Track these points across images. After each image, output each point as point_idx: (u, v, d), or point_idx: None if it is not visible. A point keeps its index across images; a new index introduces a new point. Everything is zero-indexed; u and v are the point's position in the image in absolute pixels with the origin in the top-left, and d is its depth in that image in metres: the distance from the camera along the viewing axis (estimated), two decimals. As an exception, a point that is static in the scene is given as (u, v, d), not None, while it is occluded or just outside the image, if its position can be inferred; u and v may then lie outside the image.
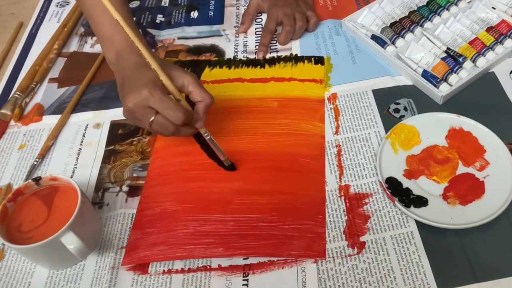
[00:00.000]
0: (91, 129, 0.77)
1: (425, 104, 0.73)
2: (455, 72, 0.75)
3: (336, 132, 0.72)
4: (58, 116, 0.79)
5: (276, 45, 0.87)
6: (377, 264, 0.58)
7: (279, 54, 0.85)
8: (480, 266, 0.56)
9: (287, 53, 0.85)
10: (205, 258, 0.60)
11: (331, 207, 0.63)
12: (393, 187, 0.63)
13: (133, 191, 0.68)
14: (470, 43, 0.79)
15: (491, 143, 0.66)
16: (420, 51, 0.78)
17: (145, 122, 0.61)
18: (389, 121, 0.72)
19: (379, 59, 0.81)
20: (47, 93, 0.84)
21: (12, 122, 0.80)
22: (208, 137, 0.66)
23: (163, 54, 0.88)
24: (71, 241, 0.56)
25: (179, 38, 0.91)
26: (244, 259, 0.60)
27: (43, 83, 0.86)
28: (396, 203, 0.61)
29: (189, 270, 0.60)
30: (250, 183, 0.67)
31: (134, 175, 0.70)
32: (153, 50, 0.89)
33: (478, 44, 0.78)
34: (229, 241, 0.61)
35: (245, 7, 0.94)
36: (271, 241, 0.61)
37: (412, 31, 0.82)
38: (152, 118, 0.60)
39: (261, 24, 0.92)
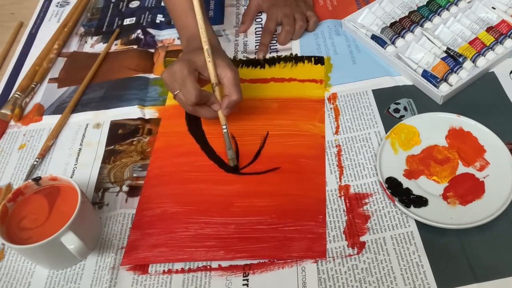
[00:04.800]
0: (91, 129, 0.77)
1: (425, 104, 0.73)
2: (455, 72, 0.75)
3: (336, 132, 0.72)
4: (58, 116, 0.79)
5: (276, 45, 0.87)
6: (377, 264, 0.58)
7: (279, 54, 0.85)
8: (480, 266, 0.56)
9: (287, 53, 0.85)
10: (206, 261, 0.60)
11: (331, 207, 0.63)
12: (393, 187, 0.63)
13: (133, 191, 0.68)
14: (470, 43, 0.79)
15: (491, 143, 0.66)
16: (420, 51, 0.78)
17: (172, 92, 0.67)
18: (389, 121, 0.72)
19: (379, 59, 0.81)
20: (47, 93, 0.84)
21: (12, 122, 0.80)
22: (225, 130, 0.68)
23: (163, 54, 0.88)
24: (71, 241, 0.56)
25: (179, 38, 0.91)
26: (244, 259, 0.60)
27: (43, 83, 0.86)
28: (396, 203, 0.61)
29: (189, 270, 0.60)
30: (250, 185, 0.67)
31: (134, 175, 0.70)
32: (153, 50, 0.89)
33: (478, 44, 0.78)
34: (230, 244, 0.61)
35: (245, 7, 0.94)
36: (272, 243, 0.61)
37: (412, 31, 0.82)
38: (176, 92, 0.66)
39: (261, 24, 0.92)
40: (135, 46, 0.90)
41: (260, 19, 0.93)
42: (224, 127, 0.68)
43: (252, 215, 0.64)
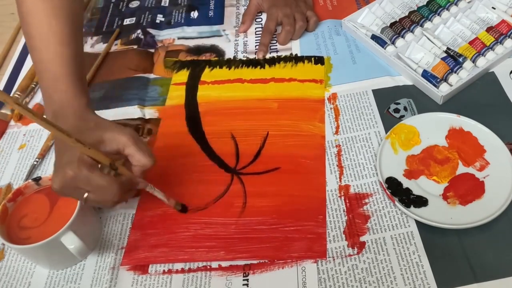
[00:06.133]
0: (91, 129, 0.77)
1: (425, 104, 0.73)
2: (455, 72, 0.75)
3: (336, 132, 0.72)
4: (58, 116, 0.79)
5: (276, 45, 0.87)
6: (377, 264, 0.58)
7: (279, 54, 0.85)
8: (480, 266, 0.56)
9: (287, 53, 0.85)
10: (206, 261, 0.60)
11: (331, 207, 0.63)
12: (393, 187, 0.63)
13: (133, 191, 0.68)
14: (470, 43, 0.79)
15: (491, 143, 0.66)
16: (420, 51, 0.78)
17: (79, 199, 0.56)
18: (389, 121, 0.72)
19: (379, 59, 0.81)
20: (47, 93, 0.84)
21: (12, 122, 0.80)
22: (152, 191, 0.60)
23: (163, 54, 0.88)
24: (71, 241, 0.56)
25: (179, 38, 0.91)
26: (244, 259, 0.60)
27: (43, 83, 0.86)
28: (396, 203, 0.61)
29: (189, 270, 0.60)
30: (250, 186, 0.67)
31: (134, 175, 0.70)
32: (153, 50, 0.89)
33: (478, 44, 0.78)
34: (231, 244, 0.61)
35: (245, 7, 0.94)
36: (272, 243, 0.61)
37: (412, 31, 0.82)
38: (85, 196, 0.54)
39: (261, 24, 0.92)
40: (135, 46, 0.90)
41: (260, 19, 0.93)
42: (148, 187, 0.60)
43: (252, 216, 0.63)
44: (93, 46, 0.92)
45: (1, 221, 0.59)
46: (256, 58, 0.85)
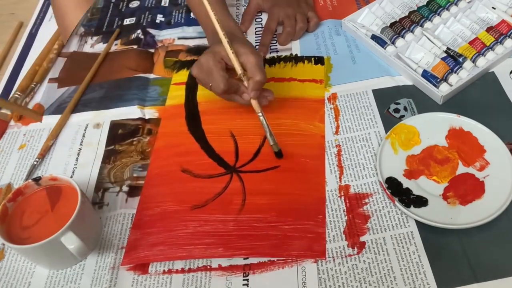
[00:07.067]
0: (91, 129, 0.77)
1: (425, 104, 0.73)
2: (455, 72, 0.75)
3: (336, 132, 0.72)
4: (58, 116, 0.79)
5: (276, 45, 0.87)
6: (377, 264, 0.58)
7: (279, 54, 0.85)
8: (480, 266, 0.56)
9: (287, 53, 0.85)
10: (205, 258, 0.60)
11: (331, 207, 0.63)
12: (393, 187, 0.63)
13: (133, 191, 0.68)
14: (470, 43, 0.79)
15: (491, 143, 0.66)
16: (420, 51, 0.78)
17: (206, 87, 0.69)
18: (389, 121, 0.72)
19: (379, 59, 0.81)
20: (47, 93, 0.84)
21: (12, 122, 0.80)
22: (261, 117, 0.68)
23: (163, 54, 0.88)
24: (71, 241, 0.56)
25: (179, 38, 0.91)
26: (244, 259, 0.60)
27: (43, 83, 0.86)
28: (396, 203, 0.61)
29: (189, 270, 0.60)
30: (250, 183, 0.67)
31: (134, 175, 0.70)
32: (153, 50, 0.89)
33: (478, 44, 0.78)
34: (229, 241, 0.61)
35: (245, 7, 0.94)
36: (271, 241, 0.61)
37: (412, 31, 0.82)
38: (210, 85, 0.67)
39: (261, 24, 0.92)
40: (135, 46, 0.90)
41: (260, 19, 0.93)
42: (259, 114, 0.68)
43: (252, 213, 0.64)
44: (93, 46, 0.92)
45: (1, 221, 0.59)
46: (256, 58, 0.85)
